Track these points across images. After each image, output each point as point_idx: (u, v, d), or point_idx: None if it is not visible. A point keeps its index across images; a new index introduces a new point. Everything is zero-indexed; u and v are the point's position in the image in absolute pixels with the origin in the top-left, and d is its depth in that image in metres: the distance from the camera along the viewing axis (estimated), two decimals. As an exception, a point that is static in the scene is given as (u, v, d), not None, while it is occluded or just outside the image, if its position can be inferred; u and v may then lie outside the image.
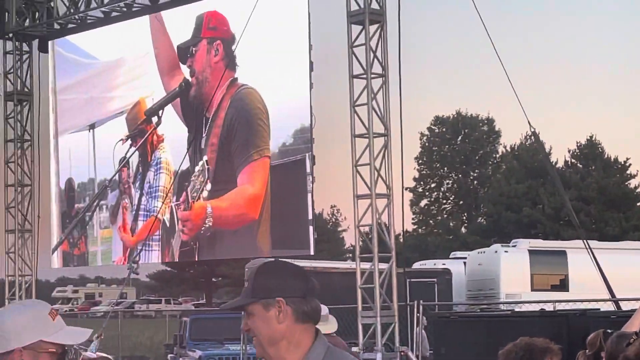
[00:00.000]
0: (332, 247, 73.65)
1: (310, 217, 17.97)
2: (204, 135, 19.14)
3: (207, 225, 19.10)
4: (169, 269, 78.45)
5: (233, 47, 18.46)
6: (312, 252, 18.61)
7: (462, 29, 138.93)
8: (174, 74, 19.84)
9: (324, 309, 12.42)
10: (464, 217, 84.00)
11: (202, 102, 19.30)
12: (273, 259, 4.23)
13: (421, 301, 19.23)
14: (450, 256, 40.36)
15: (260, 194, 18.21)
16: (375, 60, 16.47)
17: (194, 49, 19.50)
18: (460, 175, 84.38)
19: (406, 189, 75.93)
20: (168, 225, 19.90)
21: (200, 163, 18.88)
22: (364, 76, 16.32)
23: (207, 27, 19.20)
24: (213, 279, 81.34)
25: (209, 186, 18.84)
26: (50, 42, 22.58)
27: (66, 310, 74.28)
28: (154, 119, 20.19)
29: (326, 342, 3.79)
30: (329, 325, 12.40)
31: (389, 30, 16.64)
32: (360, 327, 15.91)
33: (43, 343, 3.46)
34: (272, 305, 3.54)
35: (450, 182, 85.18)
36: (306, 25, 17.92)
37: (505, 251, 33.32)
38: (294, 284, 3.63)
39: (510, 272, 31.97)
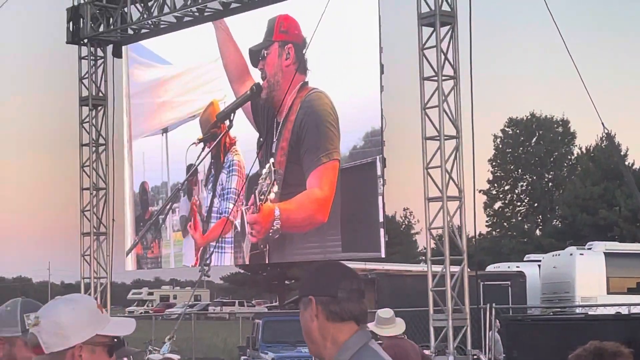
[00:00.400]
0: (405, 250, 73.54)
1: (381, 219, 17.91)
2: (274, 139, 19.22)
3: (275, 228, 19.14)
4: (242, 271, 78.78)
5: (304, 51, 18.49)
6: (383, 255, 18.60)
7: (534, 29, 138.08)
8: (244, 80, 19.92)
9: (389, 312, 12.46)
10: (539, 220, 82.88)
11: (273, 105, 19.37)
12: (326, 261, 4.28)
13: (494, 304, 19.12)
14: (525, 259, 39.95)
15: (329, 197, 18.23)
16: (447, 62, 16.42)
17: (265, 52, 19.54)
18: (534, 177, 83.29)
19: (480, 191, 76.11)
20: (239, 228, 20.00)
21: (267, 166, 18.93)
22: (435, 78, 16.29)
23: (279, 30, 19.26)
24: (286, 282, 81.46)
25: (275, 188, 18.87)
26: (124, 47, 22.86)
27: (141, 312, 75.10)
28: (226, 122, 20.30)
29: (361, 342, 3.78)
30: (395, 328, 12.46)
31: (460, 32, 16.59)
32: (431, 329, 15.86)
33: (97, 337, 3.53)
34: (307, 304, 3.64)
35: (525, 184, 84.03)
36: (377, 27, 17.84)
37: (581, 254, 32.90)
38: (325, 283, 3.70)
39: (585, 275, 31.56)
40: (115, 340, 3.61)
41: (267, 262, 22.01)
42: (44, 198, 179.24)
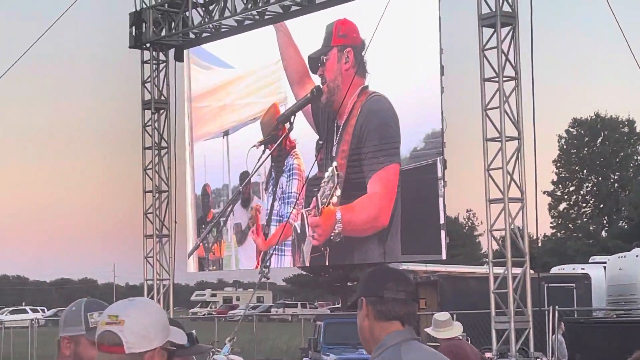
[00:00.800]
0: (469, 252, 73.04)
1: (442, 221, 17.86)
2: (335, 143, 19.24)
3: (336, 231, 19.17)
4: (304, 273, 78.88)
5: (363, 53, 18.50)
6: (443, 257, 18.56)
7: (596, 28, 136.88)
8: (304, 83, 19.99)
9: (445, 315, 12.47)
10: (605, 221, 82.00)
11: (333, 109, 19.32)
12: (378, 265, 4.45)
13: (557, 307, 18.99)
14: (590, 261, 39.62)
15: (390, 200, 18.22)
16: (507, 63, 16.33)
17: (324, 57, 19.56)
18: (600, 178, 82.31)
19: (543, 192, 75.71)
20: (299, 231, 20.05)
21: (330, 169, 18.95)
22: (496, 79, 16.22)
23: (337, 35, 19.25)
24: (348, 284, 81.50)
25: (338, 192, 18.87)
26: (185, 51, 23.05)
27: (204, 314, 75.51)
28: (287, 125, 20.38)
29: (396, 340, 4.00)
30: (452, 330, 12.45)
31: (520, 32, 16.47)
32: (493, 332, 15.75)
33: (168, 341, 3.59)
34: (360, 305, 3.89)
35: (590, 185, 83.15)
36: (437, 29, 17.78)
37: (646, 255, 32.51)
38: (373, 285, 3.94)
39: (651, 277, 31.20)
40: (174, 347, 3.67)
41: (327, 263, 22.00)
42: (109, 201, 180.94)
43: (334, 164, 19.01)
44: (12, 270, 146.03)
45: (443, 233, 17.72)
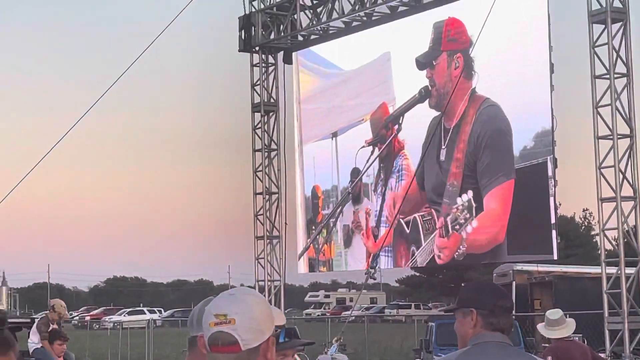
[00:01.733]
0: (585, 252, 72.41)
1: (553, 220, 17.66)
2: (443, 146, 19.17)
3: (460, 251, 19.22)
4: (417, 274, 78.96)
5: (470, 52, 18.44)
6: (555, 257, 18.40)
7: None
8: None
9: (558, 313, 12.42)
10: None
11: (441, 111, 19.28)
12: (481, 280, 4.88)
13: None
14: None
15: (506, 216, 18.15)
16: (619, 59, 16.14)
17: (434, 62, 19.50)
18: None
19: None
20: (408, 231, 20.07)
21: (466, 199, 18.81)
22: (607, 76, 16.03)
23: (447, 38, 19.14)
24: (462, 284, 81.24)
25: (474, 223, 18.79)
26: (294, 54, 23.19)
27: (318, 314, 75.87)
28: (395, 126, 20.40)
29: (485, 339, 4.86)
30: (564, 329, 12.37)
31: (632, 28, 16.29)
32: (607, 333, 15.58)
33: (277, 326, 3.71)
34: (467, 314, 4.66)
35: None
36: (546, 26, 17.61)
37: None
38: (485, 299, 4.72)
39: None
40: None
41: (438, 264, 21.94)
42: (222, 203, 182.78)
43: (470, 194, 18.96)
44: (130, 272, 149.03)
45: (554, 233, 17.56)
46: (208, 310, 3.76)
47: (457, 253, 19.41)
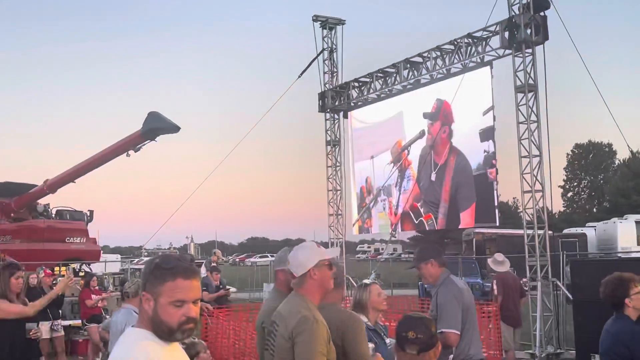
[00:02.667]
0: (514, 222, 70.71)
1: (496, 204, 17.17)
2: (434, 171, 18.87)
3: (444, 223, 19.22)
4: (420, 234, 78.35)
5: (452, 125, 18.33)
6: (497, 224, 18.05)
7: None
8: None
9: (501, 256, 12.24)
10: (595, 202, 79.09)
11: (431, 151, 19.09)
12: (424, 244, 5.43)
13: (565, 252, 18.62)
14: (586, 225, 38.30)
15: (473, 211, 18.16)
16: (532, 112, 15.48)
17: (430, 123, 19.04)
18: (592, 177, 79.74)
19: (559, 186, 73.81)
20: (412, 214, 20.24)
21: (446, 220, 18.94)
22: (525, 122, 15.43)
23: (443, 114, 18.61)
24: (445, 240, 79.97)
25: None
26: (349, 112, 22.99)
27: (364, 257, 75.36)
28: (406, 152, 20.46)
29: (447, 273, 5.80)
30: (505, 266, 12.35)
31: (540, 94, 15.54)
32: (527, 267, 15.08)
33: (321, 261, 3.97)
34: (429, 263, 5.69)
35: (586, 181, 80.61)
36: (490, 96, 17.06)
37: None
38: (434, 253, 5.76)
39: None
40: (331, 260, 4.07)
41: (434, 229, 21.93)
42: (312, 196, 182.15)
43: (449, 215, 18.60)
44: (260, 233, 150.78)
45: (497, 211, 17.26)
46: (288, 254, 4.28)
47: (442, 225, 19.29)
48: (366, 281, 5.81)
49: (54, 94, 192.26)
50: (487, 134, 17.19)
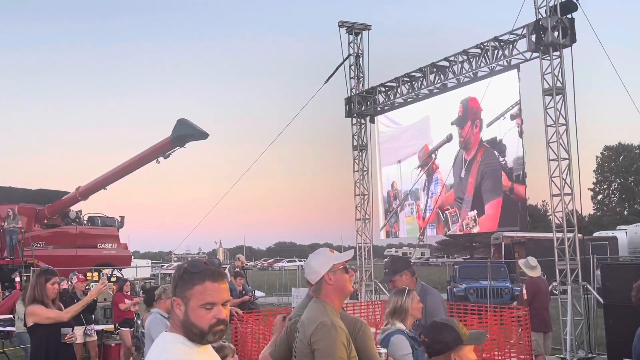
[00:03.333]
0: (543, 225, 70.32)
1: (525, 208, 17.31)
2: (463, 168, 18.82)
3: (472, 226, 19.02)
4: (447, 238, 78.04)
5: (481, 116, 18.25)
6: (528, 228, 18.00)
7: None
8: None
9: (534, 260, 12.19)
10: (626, 205, 77.80)
11: (464, 148, 18.96)
12: (393, 256, 5.31)
13: (595, 255, 18.39)
14: (617, 228, 37.72)
15: (498, 214, 17.84)
16: (560, 116, 15.30)
17: (464, 124, 18.92)
18: (622, 179, 78.57)
19: (588, 189, 73.07)
20: (443, 217, 20.11)
21: (473, 214, 18.56)
22: (554, 125, 15.28)
23: (471, 112, 18.52)
24: (474, 244, 79.71)
25: (478, 222, 18.92)
26: (375, 117, 22.96)
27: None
28: (433, 156, 20.41)
29: (420, 282, 6.07)
30: (537, 271, 12.24)
31: (568, 98, 15.35)
32: (557, 271, 14.95)
33: (334, 265, 3.97)
34: (404, 274, 5.89)
35: (616, 184, 79.45)
36: (518, 98, 16.98)
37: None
38: (405, 264, 6.12)
39: None
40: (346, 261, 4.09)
41: (458, 233, 21.84)
42: (339, 201, 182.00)
43: (475, 207, 18.50)
44: (287, 238, 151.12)
45: (527, 214, 17.13)
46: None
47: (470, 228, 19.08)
48: (407, 287, 5.79)
49: (85, 101, 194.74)
50: (515, 134, 17.10)
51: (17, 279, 21.73)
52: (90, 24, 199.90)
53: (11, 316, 15.69)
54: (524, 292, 12.23)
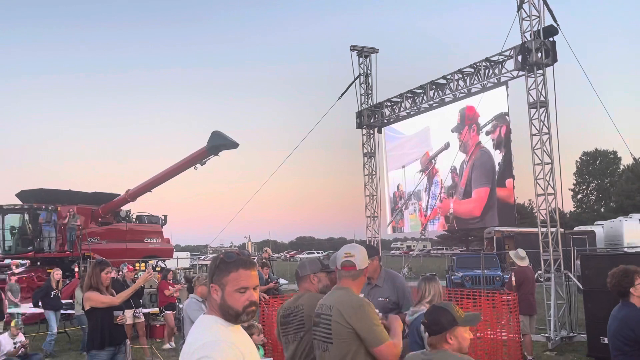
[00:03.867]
0: (529, 221, 69.81)
1: (514, 203, 17.13)
2: (466, 168, 18.68)
3: (469, 219, 18.84)
4: (446, 232, 77.34)
5: (479, 121, 18.13)
6: (516, 223, 17.84)
7: None
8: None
9: (523, 252, 12.05)
10: (602, 203, 76.94)
11: (463, 152, 18.82)
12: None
13: (576, 247, 18.17)
14: (595, 223, 37.28)
15: (483, 202, 17.78)
16: (544, 126, 15.13)
17: (462, 130, 18.74)
18: (598, 181, 77.72)
19: (569, 189, 72.28)
20: (441, 215, 20.01)
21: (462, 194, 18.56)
22: (538, 135, 15.13)
23: (467, 118, 18.40)
24: (469, 237, 78.98)
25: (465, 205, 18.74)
26: (383, 128, 22.90)
27: (397, 253, 74.89)
28: (433, 161, 20.33)
29: (384, 269, 5.60)
30: (525, 261, 12.11)
31: (551, 110, 15.27)
32: (541, 260, 14.83)
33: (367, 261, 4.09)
34: (375, 260, 5.25)
35: (594, 184, 78.58)
36: (506, 109, 16.98)
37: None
38: (375, 251, 5.49)
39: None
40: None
41: (456, 228, 21.69)
42: (352, 200, 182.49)
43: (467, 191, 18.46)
44: (307, 233, 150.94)
45: (515, 211, 17.11)
46: (341, 251, 4.16)
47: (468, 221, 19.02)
48: (434, 274, 5.87)
49: (133, 114, 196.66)
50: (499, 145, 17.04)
51: (76, 269, 21.96)
52: (144, 47, 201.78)
53: (71, 301, 15.86)
54: (513, 279, 12.15)
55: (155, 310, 15.94)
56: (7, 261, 23.37)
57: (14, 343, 11.50)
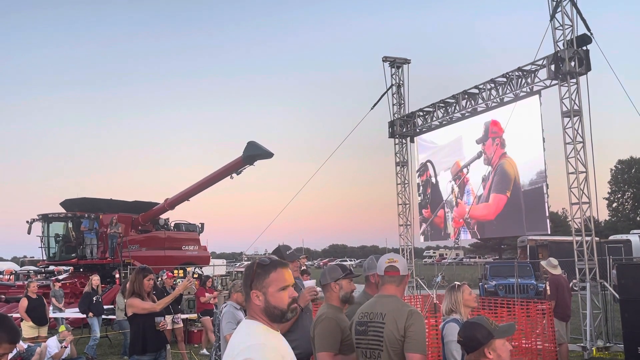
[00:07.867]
0: (563, 229, 68.49)
1: (547, 214, 16.61)
2: (490, 177, 18.63)
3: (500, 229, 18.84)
4: (479, 241, 76.20)
5: (502, 136, 18.00)
6: (549, 232, 17.50)
7: None
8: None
9: (556, 260, 11.84)
10: (639, 211, 74.87)
11: (488, 165, 18.71)
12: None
13: (611, 256, 17.75)
14: (630, 232, 36.29)
15: (500, 207, 17.73)
16: (577, 134, 14.88)
17: (484, 144, 18.75)
18: (635, 190, 75.63)
19: (604, 198, 70.59)
20: (474, 221, 19.82)
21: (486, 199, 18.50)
22: (572, 143, 14.87)
23: (491, 131, 18.32)
24: (502, 246, 77.72)
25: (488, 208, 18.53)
26: (415, 138, 22.75)
27: (430, 261, 74.08)
28: (464, 170, 20.16)
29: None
30: (558, 269, 11.91)
31: (585, 120, 14.99)
32: (576, 270, 14.50)
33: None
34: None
35: (629, 193, 76.52)
36: (539, 120, 16.60)
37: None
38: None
39: None
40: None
41: (485, 237, 21.39)
42: (386, 210, 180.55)
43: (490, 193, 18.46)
44: (339, 240, 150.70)
45: (548, 220, 16.75)
46: (383, 258, 4.15)
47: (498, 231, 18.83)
48: (457, 283, 5.70)
49: (170, 121, 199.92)
50: (538, 150, 16.73)
51: (117, 276, 22.39)
52: (182, 56, 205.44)
53: (112, 306, 16.17)
54: (547, 287, 11.98)
55: (193, 316, 16.14)
56: (51, 267, 23.97)
57: (60, 344, 11.83)
